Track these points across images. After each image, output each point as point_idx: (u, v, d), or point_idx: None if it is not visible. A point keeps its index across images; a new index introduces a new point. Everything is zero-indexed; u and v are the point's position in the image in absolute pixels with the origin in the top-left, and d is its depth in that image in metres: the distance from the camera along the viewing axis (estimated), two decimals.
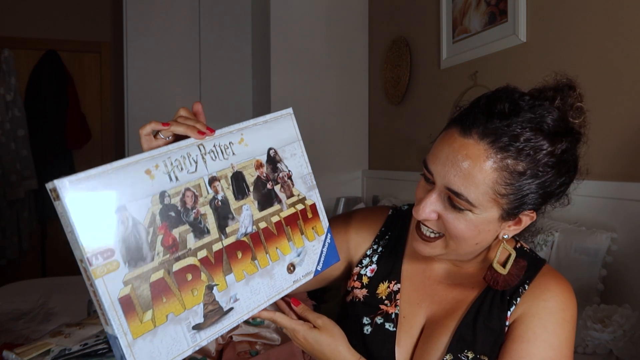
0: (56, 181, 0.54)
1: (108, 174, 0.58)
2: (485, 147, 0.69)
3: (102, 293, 0.56)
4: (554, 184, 0.72)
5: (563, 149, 0.71)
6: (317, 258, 0.80)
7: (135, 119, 3.37)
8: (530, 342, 0.74)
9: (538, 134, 0.69)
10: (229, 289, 0.68)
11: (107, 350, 1.41)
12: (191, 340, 0.64)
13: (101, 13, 4.23)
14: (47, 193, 0.56)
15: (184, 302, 0.63)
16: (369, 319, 0.85)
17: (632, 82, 1.48)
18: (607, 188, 1.52)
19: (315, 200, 0.81)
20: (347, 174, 3.26)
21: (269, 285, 0.73)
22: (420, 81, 2.68)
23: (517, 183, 0.69)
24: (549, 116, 0.70)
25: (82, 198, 0.55)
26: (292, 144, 0.79)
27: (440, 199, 0.73)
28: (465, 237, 0.74)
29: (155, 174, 0.62)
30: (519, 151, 0.68)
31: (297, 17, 3.12)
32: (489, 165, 0.68)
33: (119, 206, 0.58)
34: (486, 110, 0.70)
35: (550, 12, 1.78)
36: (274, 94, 3.12)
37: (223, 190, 0.69)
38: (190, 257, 0.64)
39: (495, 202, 0.71)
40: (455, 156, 0.70)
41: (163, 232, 0.62)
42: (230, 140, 0.70)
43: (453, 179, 0.70)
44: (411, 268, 0.89)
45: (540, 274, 0.80)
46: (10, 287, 2.47)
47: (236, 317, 0.69)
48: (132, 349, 0.58)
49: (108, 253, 0.57)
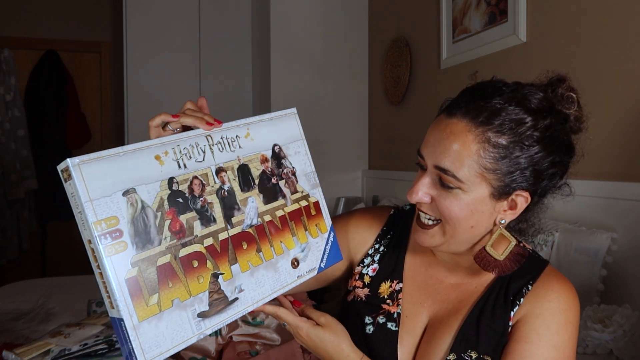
0: (69, 160, 0.56)
1: (119, 157, 0.60)
2: (467, 122, 0.71)
3: (110, 273, 0.57)
4: (543, 161, 0.72)
5: (547, 124, 0.71)
6: (321, 255, 0.81)
7: (135, 119, 3.37)
8: (534, 342, 0.74)
9: (520, 109, 0.71)
10: (234, 278, 0.69)
11: (107, 350, 1.41)
12: (196, 328, 0.64)
13: (101, 13, 4.23)
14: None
15: (190, 288, 0.64)
16: (371, 318, 0.85)
17: (632, 82, 1.48)
18: (607, 188, 1.52)
19: (319, 198, 0.82)
20: (347, 174, 3.26)
21: (274, 278, 0.74)
22: (420, 81, 2.68)
23: (502, 157, 0.70)
24: (532, 96, 0.72)
25: (92, 178, 0.57)
26: (296, 142, 0.81)
27: (432, 181, 0.75)
28: (459, 218, 0.74)
29: (164, 160, 0.64)
30: (500, 125, 0.70)
31: (297, 17, 3.12)
32: (471, 139, 0.70)
33: (129, 188, 0.60)
34: (469, 94, 0.74)
35: (550, 12, 1.78)
36: (274, 94, 3.12)
37: (229, 181, 0.71)
38: (196, 243, 0.66)
39: (483, 178, 0.71)
40: (441, 135, 0.73)
41: (171, 217, 0.63)
42: (236, 134, 0.73)
43: (439, 157, 0.72)
44: (413, 267, 0.88)
45: (544, 275, 0.80)
46: (10, 287, 2.47)
47: (241, 308, 0.69)
48: (138, 332, 0.59)
49: (117, 233, 0.58)
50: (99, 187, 0.58)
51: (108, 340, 1.42)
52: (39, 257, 4.20)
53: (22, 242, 4.05)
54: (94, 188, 0.57)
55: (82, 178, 0.56)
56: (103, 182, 0.58)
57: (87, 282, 2.56)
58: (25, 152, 3.98)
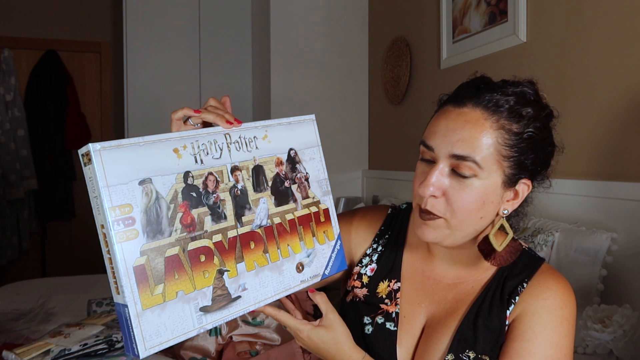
0: (90, 145, 0.58)
1: (139, 146, 0.62)
2: (481, 111, 0.73)
3: (119, 259, 0.58)
4: (545, 150, 0.76)
5: (545, 114, 0.76)
6: (326, 262, 0.82)
7: (135, 118, 3.37)
8: (530, 340, 0.74)
9: (523, 101, 0.74)
10: (239, 276, 0.69)
11: (107, 350, 1.41)
12: (197, 322, 0.65)
13: (101, 13, 4.23)
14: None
15: (195, 282, 0.65)
16: (370, 318, 0.86)
17: (633, 82, 1.48)
18: (607, 188, 1.52)
19: (329, 206, 0.83)
20: (347, 174, 3.26)
21: (278, 280, 0.74)
22: (420, 81, 2.68)
23: (516, 144, 0.73)
24: (529, 90, 0.76)
25: (111, 165, 0.59)
26: (312, 148, 0.82)
27: (444, 172, 0.74)
28: (471, 209, 0.74)
29: (182, 153, 0.66)
30: (510, 113, 0.73)
31: (297, 17, 3.12)
32: (489, 126, 0.72)
33: (145, 178, 0.62)
34: (473, 86, 0.76)
35: (550, 12, 1.78)
36: (274, 94, 3.12)
37: (243, 181, 0.72)
38: (205, 238, 0.67)
39: (499, 165, 0.73)
40: (455, 124, 0.74)
41: (183, 210, 0.65)
42: (254, 135, 0.74)
43: (457, 144, 0.73)
44: (411, 267, 0.89)
45: (539, 272, 0.80)
46: (10, 287, 2.47)
47: (243, 307, 0.70)
48: (140, 319, 0.60)
49: (129, 221, 0.60)
50: (117, 174, 0.59)
51: (108, 340, 1.43)
52: (39, 257, 4.20)
53: (22, 242, 4.05)
54: (112, 174, 0.59)
55: (101, 163, 0.58)
56: (121, 169, 0.59)
57: (87, 282, 2.56)
58: (25, 152, 3.98)
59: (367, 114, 3.30)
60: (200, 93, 3.54)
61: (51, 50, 4.11)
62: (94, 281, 2.58)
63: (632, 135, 1.49)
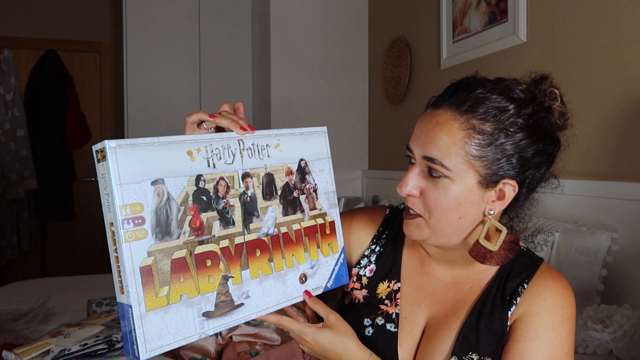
0: (106, 142, 0.58)
1: (153, 147, 0.61)
2: (452, 112, 0.74)
3: (126, 258, 0.58)
4: (528, 148, 0.73)
5: (529, 112, 0.73)
6: (329, 275, 0.82)
7: (135, 118, 3.37)
8: (532, 341, 0.74)
9: (502, 98, 0.73)
10: (243, 283, 0.69)
11: (107, 351, 1.41)
12: (199, 327, 0.65)
13: (101, 13, 4.23)
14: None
15: (200, 286, 0.65)
16: (370, 320, 0.85)
17: (633, 82, 1.48)
18: (607, 188, 1.52)
19: (335, 219, 0.84)
20: (347, 174, 3.26)
21: (281, 290, 0.74)
22: (420, 81, 2.68)
23: (488, 144, 0.72)
24: (515, 86, 0.74)
25: (125, 163, 0.59)
26: (322, 160, 0.83)
27: (421, 173, 0.76)
28: (447, 209, 0.74)
29: (196, 156, 0.66)
30: (484, 112, 0.72)
31: (297, 17, 3.12)
32: (456, 127, 0.73)
33: (158, 178, 0.61)
34: (454, 87, 0.77)
35: (550, 12, 1.78)
36: (274, 94, 3.12)
37: (253, 188, 0.72)
38: (213, 243, 0.67)
39: (470, 166, 0.72)
40: (427, 126, 0.76)
41: (192, 213, 0.65)
42: (267, 143, 0.75)
43: (427, 146, 0.74)
44: (410, 267, 0.88)
45: (539, 273, 0.80)
46: (10, 287, 2.47)
47: (245, 314, 0.70)
48: (143, 321, 0.59)
49: (139, 220, 0.59)
50: (131, 172, 0.59)
51: (108, 340, 1.42)
52: (39, 257, 4.19)
53: (22, 242, 4.04)
54: (126, 173, 0.58)
55: (116, 161, 0.58)
56: (135, 168, 0.59)
57: (87, 282, 2.56)
58: (25, 152, 3.98)
59: (367, 114, 3.30)
60: (200, 93, 3.54)
61: (51, 50, 4.10)
62: (93, 281, 2.58)
63: (632, 135, 1.48)
